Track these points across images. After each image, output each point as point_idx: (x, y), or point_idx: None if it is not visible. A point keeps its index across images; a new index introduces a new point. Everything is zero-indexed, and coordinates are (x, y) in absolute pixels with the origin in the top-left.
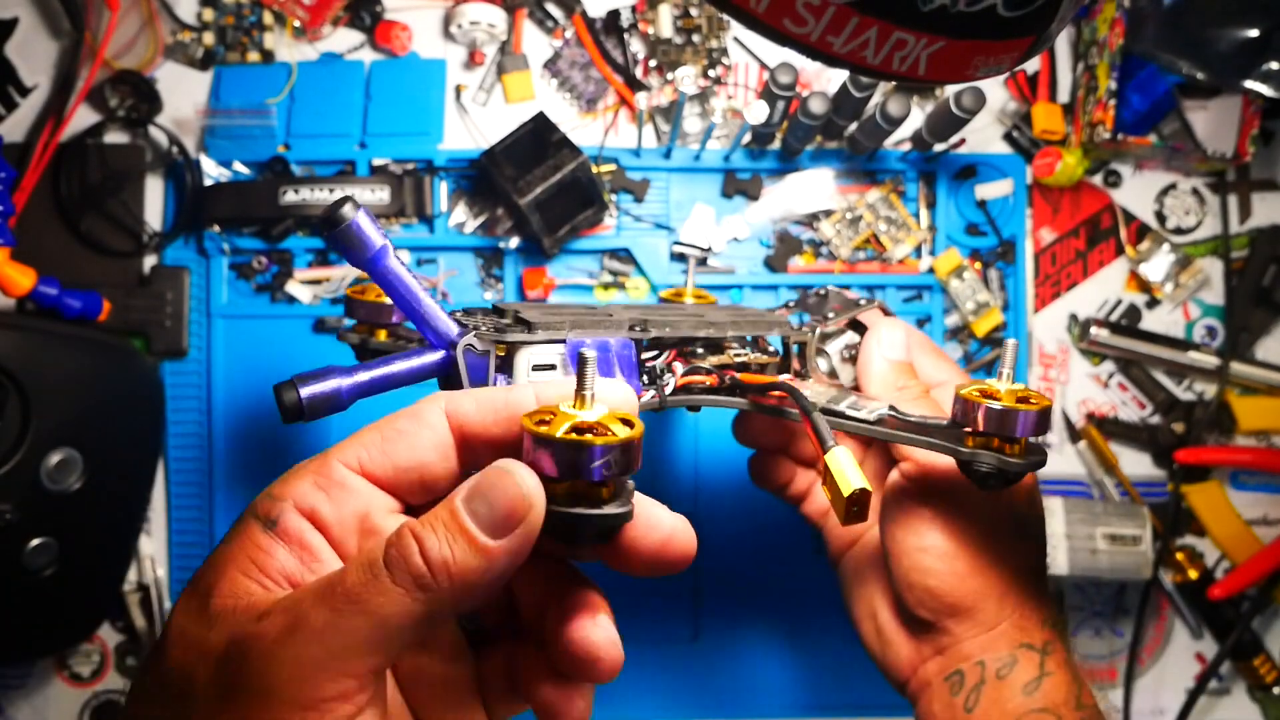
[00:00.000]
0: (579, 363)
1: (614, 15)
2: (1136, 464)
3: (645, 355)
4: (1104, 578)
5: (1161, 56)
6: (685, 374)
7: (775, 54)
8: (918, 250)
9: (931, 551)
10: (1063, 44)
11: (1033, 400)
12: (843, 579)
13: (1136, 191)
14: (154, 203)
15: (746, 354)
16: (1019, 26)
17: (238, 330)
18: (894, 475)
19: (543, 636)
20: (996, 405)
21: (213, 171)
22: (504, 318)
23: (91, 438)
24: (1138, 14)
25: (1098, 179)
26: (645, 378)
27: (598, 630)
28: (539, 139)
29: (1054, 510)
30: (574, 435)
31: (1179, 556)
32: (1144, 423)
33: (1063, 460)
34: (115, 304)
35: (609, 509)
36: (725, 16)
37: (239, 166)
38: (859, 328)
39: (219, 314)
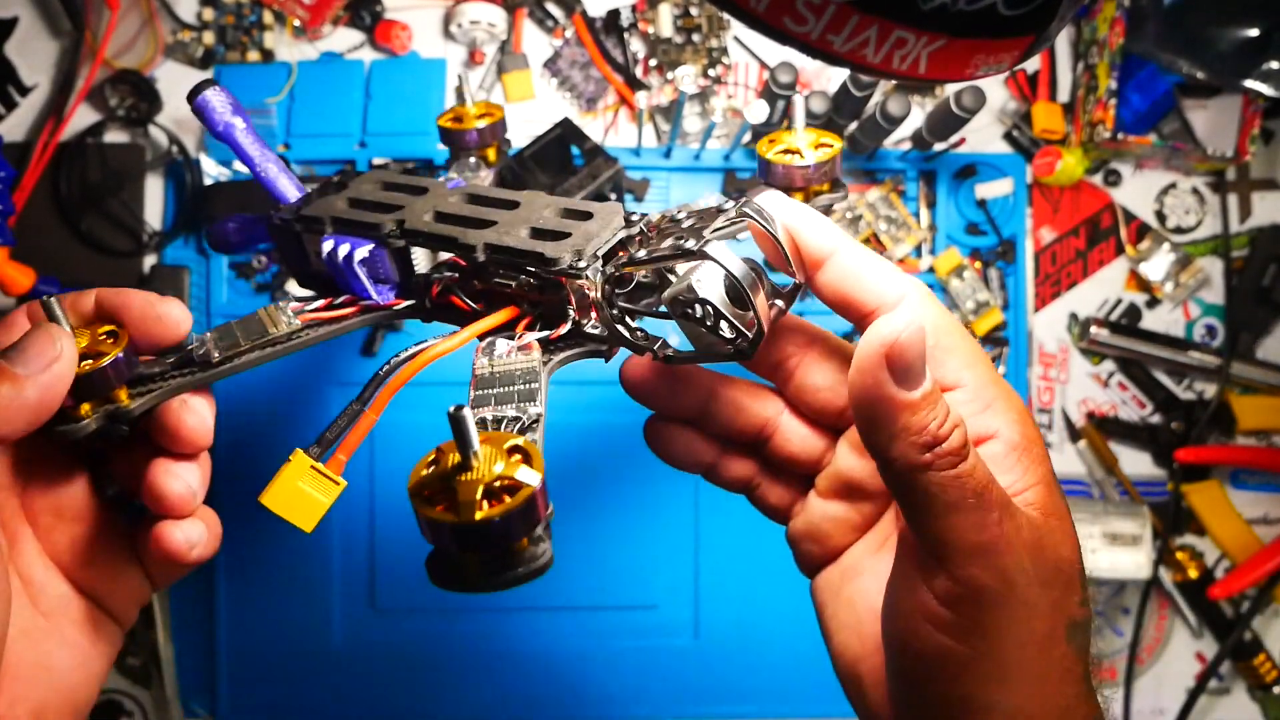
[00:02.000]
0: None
1: (614, 14)
2: (1136, 463)
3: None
4: (1104, 577)
5: (1161, 56)
6: (441, 291)
7: (775, 53)
8: (918, 249)
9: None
10: (1063, 43)
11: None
12: (818, 600)
13: (1136, 191)
14: (154, 202)
15: (512, 283)
16: (1019, 25)
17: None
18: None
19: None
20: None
21: (213, 171)
22: (337, 190)
23: None
24: (1138, 14)
25: (1098, 178)
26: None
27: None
28: (564, 145)
29: None
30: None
31: (1179, 556)
32: (1144, 422)
33: (1063, 459)
34: None
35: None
36: (725, 15)
37: (239, 166)
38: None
39: (219, 314)
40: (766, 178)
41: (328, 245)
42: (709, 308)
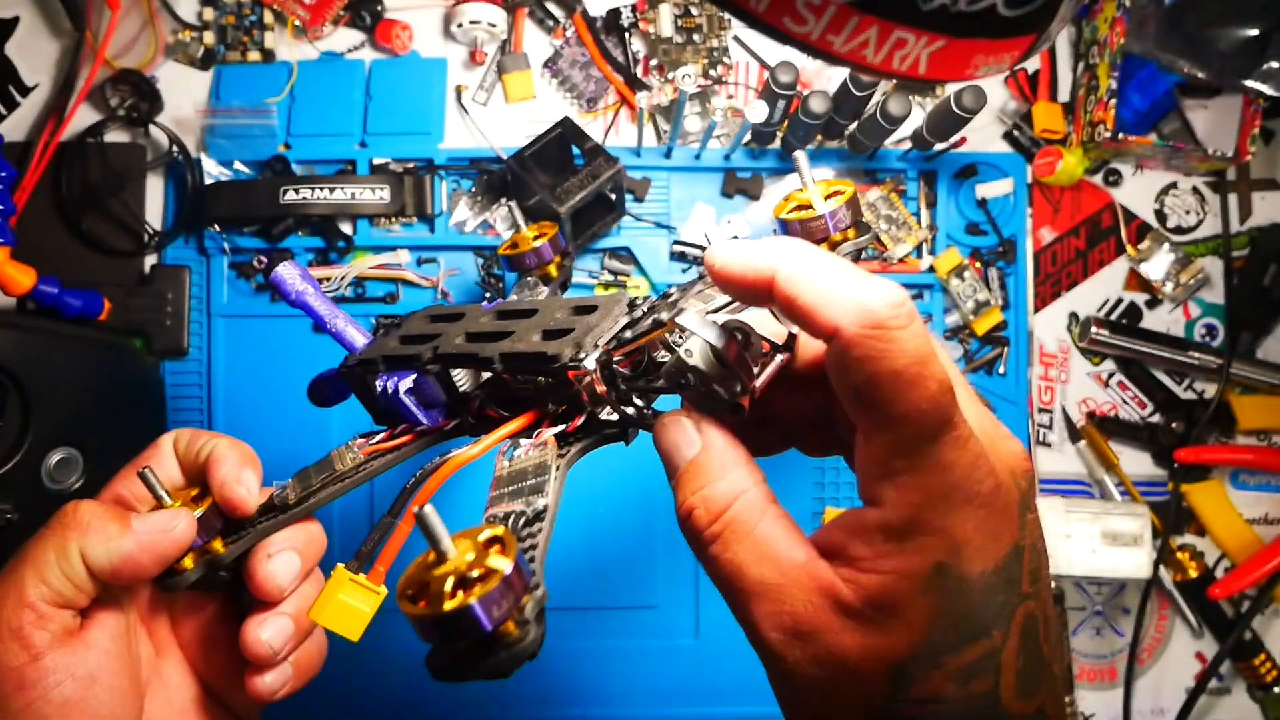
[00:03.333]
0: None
1: (614, 14)
2: (1137, 463)
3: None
4: (1104, 577)
5: (1161, 56)
6: (481, 405)
7: (775, 53)
8: (918, 249)
9: None
10: (1063, 43)
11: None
12: None
13: (1137, 191)
14: (154, 202)
15: (530, 387)
16: (1019, 25)
17: (238, 330)
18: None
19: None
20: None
21: (213, 171)
22: (392, 331)
23: (92, 437)
24: (1138, 14)
25: (1098, 178)
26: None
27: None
28: (564, 145)
29: (1054, 509)
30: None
31: (1179, 556)
32: (1144, 422)
33: (1063, 459)
34: (115, 303)
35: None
36: (726, 15)
37: (239, 166)
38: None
39: (219, 313)
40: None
41: (380, 382)
42: (696, 375)
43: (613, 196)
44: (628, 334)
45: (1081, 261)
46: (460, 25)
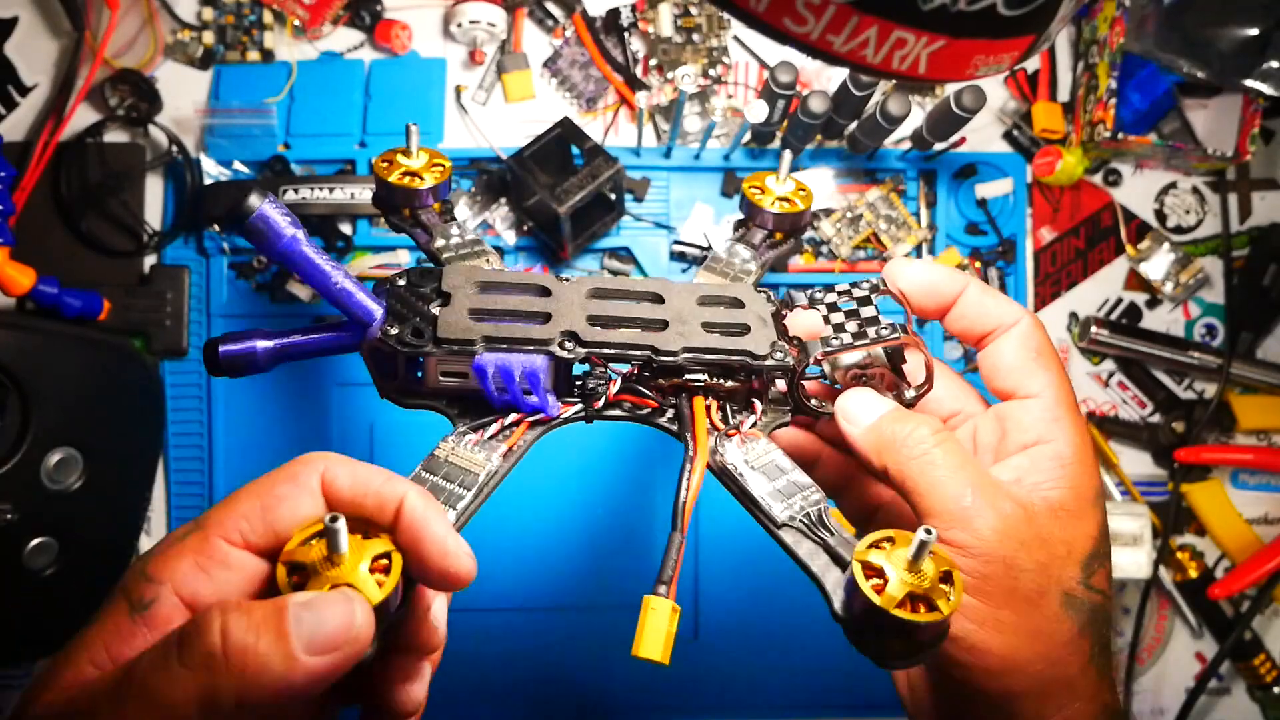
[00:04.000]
0: (328, 534)
1: (614, 14)
2: (1137, 463)
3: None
4: None
5: (1161, 56)
6: (620, 390)
7: (775, 53)
8: (918, 249)
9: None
10: (1063, 43)
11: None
12: None
13: (1137, 190)
14: (154, 202)
15: (704, 377)
16: (1019, 25)
17: (237, 330)
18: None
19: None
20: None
21: (213, 171)
22: (427, 299)
23: (91, 438)
24: (1137, 14)
25: (1098, 178)
26: (576, 388)
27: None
28: (564, 145)
29: None
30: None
31: (1179, 555)
32: (1144, 422)
33: None
34: (115, 303)
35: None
36: (725, 15)
37: (239, 166)
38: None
39: (219, 314)
40: (743, 210)
41: (487, 364)
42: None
43: (612, 196)
44: (845, 339)
45: (1081, 261)
46: (460, 25)
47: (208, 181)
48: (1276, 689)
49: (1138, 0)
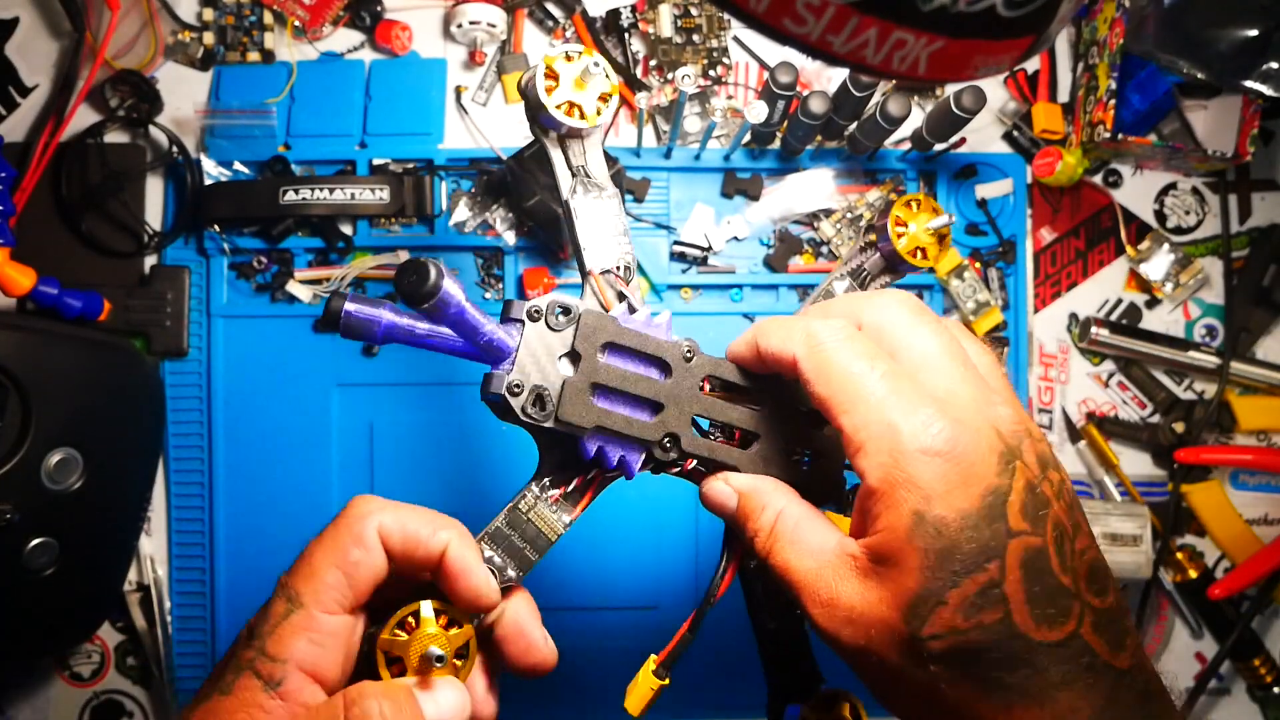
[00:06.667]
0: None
1: (614, 15)
2: (1136, 463)
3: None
4: None
5: (1161, 56)
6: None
7: (775, 53)
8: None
9: None
10: (1063, 44)
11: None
12: None
13: (1136, 191)
14: (154, 203)
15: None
16: (1019, 26)
17: (238, 330)
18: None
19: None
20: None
21: (213, 171)
22: (554, 348)
23: (91, 438)
24: (1138, 14)
25: (1098, 179)
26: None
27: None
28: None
29: None
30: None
31: (1179, 556)
32: (1144, 422)
33: (1063, 460)
34: (115, 304)
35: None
36: (725, 15)
37: (239, 166)
38: None
39: (219, 314)
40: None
41: (592, 444)
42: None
43: None
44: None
45: (1081, 262)
46: (460, 26)
47: (208, 182)
48: (1276, 689)
49: (1137, 1)
